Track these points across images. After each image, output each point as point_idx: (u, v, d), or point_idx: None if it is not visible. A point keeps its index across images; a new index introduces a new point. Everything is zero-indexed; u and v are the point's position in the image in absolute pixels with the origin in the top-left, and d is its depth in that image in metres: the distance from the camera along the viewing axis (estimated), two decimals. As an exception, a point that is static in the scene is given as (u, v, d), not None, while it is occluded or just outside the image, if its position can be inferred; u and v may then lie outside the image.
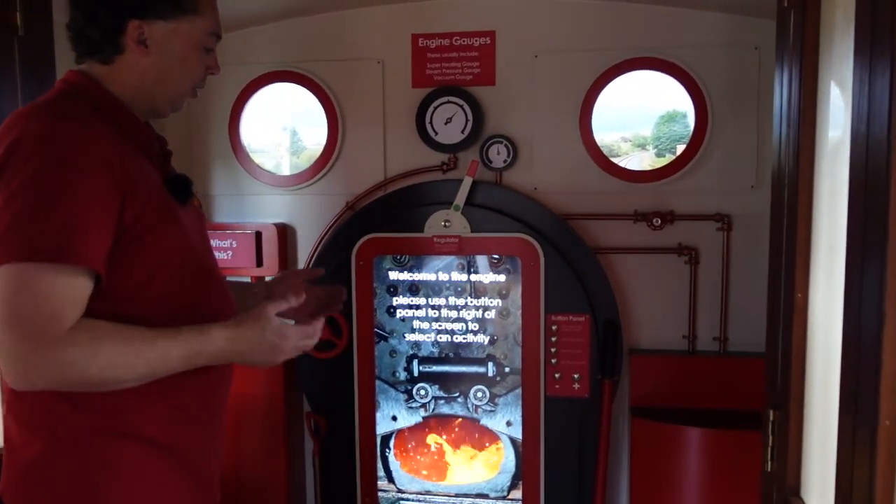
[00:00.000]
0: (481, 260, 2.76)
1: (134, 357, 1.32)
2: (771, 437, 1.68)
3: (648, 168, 2.78)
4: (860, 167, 1.19)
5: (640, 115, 2.83)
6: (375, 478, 2.85)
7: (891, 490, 1.12)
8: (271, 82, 2.94)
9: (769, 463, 1.69)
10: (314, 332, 1.48)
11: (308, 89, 2.91)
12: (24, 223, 1.25)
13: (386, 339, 2.82)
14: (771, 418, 1.68)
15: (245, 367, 1.47)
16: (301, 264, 2.97)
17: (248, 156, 2.98)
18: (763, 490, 1.76)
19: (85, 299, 1.29)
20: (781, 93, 1.70)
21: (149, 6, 1.40)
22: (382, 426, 2.85)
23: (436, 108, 2.81)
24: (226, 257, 2.89)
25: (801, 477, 1.59)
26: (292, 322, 1.49)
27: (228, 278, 1.76)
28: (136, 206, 1.33)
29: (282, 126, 3.04)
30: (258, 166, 2.98)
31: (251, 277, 2.92)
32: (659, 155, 2.82)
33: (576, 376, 2.70)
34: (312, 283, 1.77)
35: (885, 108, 1.11)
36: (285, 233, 2.98)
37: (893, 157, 1.08)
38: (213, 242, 2.87)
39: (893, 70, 1.09)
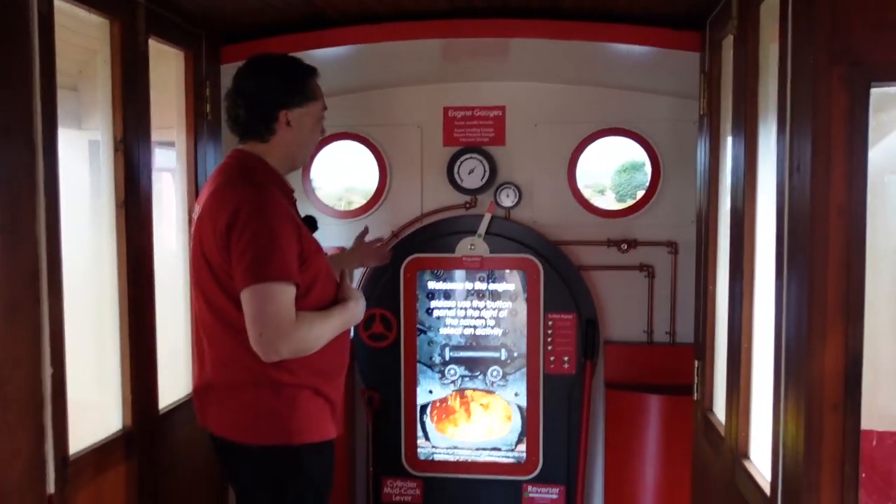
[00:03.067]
0: (497, 273, 3.72)
1: (327, 329, 2.18)
2: (696, 377, 2.67)
3: (610, 209, 3.79)
4: (737, 209, 2.19)
5: (599, 170, 3.85)
6: (416, 437, 3.76)
7: (749, 381, 2.09)
8: (336, 140, 3.88)
9: (695, 394, 2.68)
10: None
11: (364, 146, 3.86)
12: (260, 259, 2.03)
13: (425, 332, 3.76)
14: (696, 366, 2.67)
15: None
16: (357, 277, 3.89)
17: (316, 195, 3.92)
18: (694, 413, 2.74)
19: (294, 304, 2.09)
20: (701, 163, 2.71)
21: (291, 100, 2.20)
22: (422, 398, 3.76)
23: (461, 162, 3.74)
24: (300, 272, 3.81)
25: (714, 400, 2.57)
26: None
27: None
28: (302, 242, 2.15)
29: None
30: (324, 204, 3.91)
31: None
32: (620, 200, 3.83)
33: (566, 359, 3.65)
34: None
35: (742, 176, 2.11)
36: (345, 254, 3.90)
37: (747, 205, 2.08)
38: (289, 261, 3.83)
39: (747, 153, 2.09)
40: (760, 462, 1.97)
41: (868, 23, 1.45)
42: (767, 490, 1.79)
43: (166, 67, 2.73)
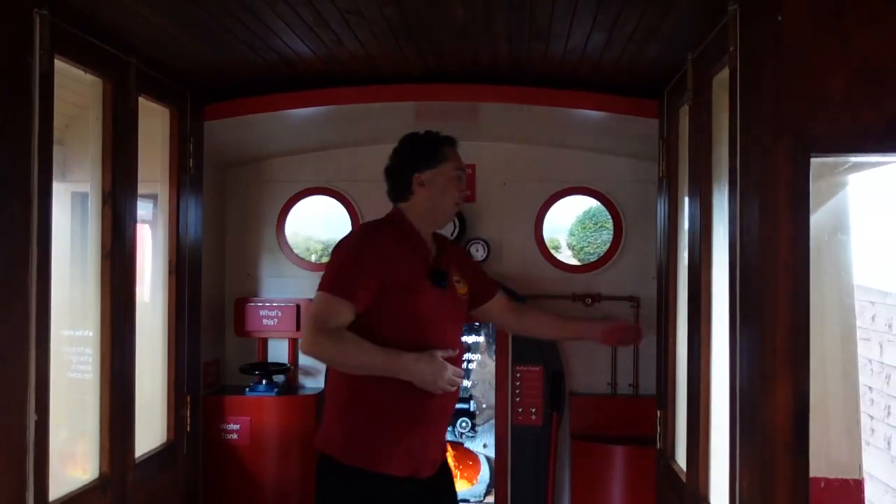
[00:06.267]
0: (466, 326, 3.81)
1: (355, 353, 2.27)
2: (659, 427, 2.78)
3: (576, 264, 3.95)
4: (694, 266, 2.34)
5: (555, 227, 4.03)
6: (385, 488, 3.80)
7: (708, 429, 2.21)
8: (310, 195, 4.00)
9: (658, 443, 2.79)
10: (458, 378, 2.38)
11: (337, 200, 3.98)
12: (329, 274, 2.32)
13: (396, 383, 3.83)
14: (659, 416, 2.79)
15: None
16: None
17: (289, 248, 4.01)
18: (657, 462, 2.85)
19: (345, 319, 2.25)
20: (661, 222, 2.88)
21: (422, 165, 2.44)
22: (391, 449, 3.81)
23: (433, 218, 3.91)
24: (273, 323, 3.86)
25: (675, 448, 2.68)
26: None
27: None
28: (387, 279, 2.30)
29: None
30: (297, 255, 4.00)
31: (288, 339, 3.93)
32: (580, 258, 3.99)
33: (533, 410, 3.74)
34: None
35: (699, 235, 2.27)
36: (317, 306, 3.97)
37: (703, 262, 2.23)
38: (262, 313, 3.88)
39: (702, 214, 2.25)
40: (720, 506, 2.08)
41: (807, 101, 1.62)
42: (727, 532, 1.89)
43: (152, 121, 2.83)
